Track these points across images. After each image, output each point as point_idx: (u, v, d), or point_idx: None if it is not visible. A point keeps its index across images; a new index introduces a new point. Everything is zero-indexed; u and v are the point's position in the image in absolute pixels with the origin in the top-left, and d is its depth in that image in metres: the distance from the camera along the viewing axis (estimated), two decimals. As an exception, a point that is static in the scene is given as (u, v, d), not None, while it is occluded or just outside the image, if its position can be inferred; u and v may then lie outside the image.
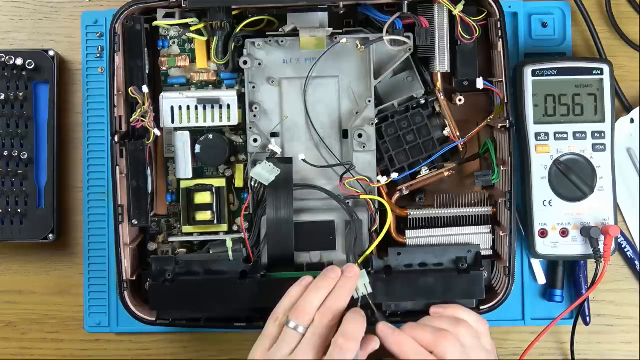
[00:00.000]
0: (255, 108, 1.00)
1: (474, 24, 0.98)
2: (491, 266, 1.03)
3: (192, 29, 1.00)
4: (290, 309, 0.89)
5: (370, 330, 0.91)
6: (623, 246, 1.05)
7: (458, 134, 1.01)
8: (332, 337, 0.88)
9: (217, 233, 1.02)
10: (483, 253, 0.99)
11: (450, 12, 0.98)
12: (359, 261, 0.96)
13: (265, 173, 0.96)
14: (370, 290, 0.94)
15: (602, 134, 1.00)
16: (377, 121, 1.01)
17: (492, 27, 1.01)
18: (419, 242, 1.01)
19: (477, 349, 0.90)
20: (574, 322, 1.02)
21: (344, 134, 1.01)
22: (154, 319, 0.99)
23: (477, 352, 0.90)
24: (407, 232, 1.01)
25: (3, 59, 1.04)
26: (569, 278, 1.05)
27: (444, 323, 0.91)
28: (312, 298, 0.89)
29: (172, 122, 1.00)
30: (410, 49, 0.99)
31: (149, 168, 0.99)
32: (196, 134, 1.02)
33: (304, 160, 0.98)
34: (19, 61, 1.03)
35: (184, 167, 1.02)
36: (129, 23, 0.99)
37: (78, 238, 1.06)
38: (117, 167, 0.97)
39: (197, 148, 1.02)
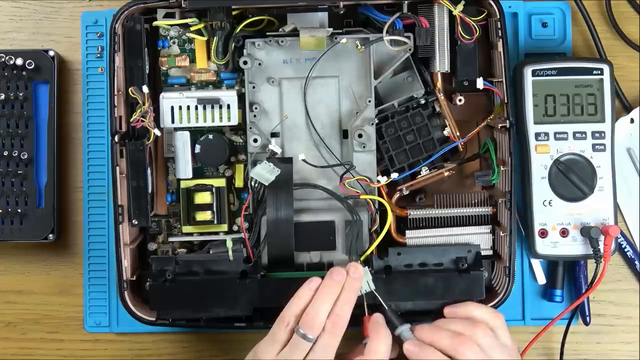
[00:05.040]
0: (255, 108, 1.00)
1: (474, 24, 0.98)
2: (491, 266, 1.03)
3: (192, 29, 1.00)
4: (300, 313, 0.90)
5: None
6: (623, 246, 1.05)
7: (458, 134, 1.01)
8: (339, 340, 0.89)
9: (217, 233, 1.02)
10: (483, 253, 0.99)
11: (450, 12, 0.98)
12: (360, 260, 0.96)
13: (265, 173, 0.96)
14: (373, 287, 0.94)
15: (602, 134, 1.00)
16: (377, 121, 1.01)
17: (492, 27, 1.01)
18: (419, 242, 1.01)
19: (496, 347, 0.90)
20: (568, 321, 1.02)
21: (344, 134, 1.01)
22: (154, 319, 0.98)
23: (496, 349, 0.90)
24: (407, 232, 1.01)
25: (3, 59, 1.04)
26: (569, 278, 1.05)
27: (460, 325, 0.91)
28: (321, 306, 0.89)
29: (172, 122, 1.00)
30: (410, 49, 0.99)
31: (149, 168, 0.99)
32: (196, 134, 1.02)
33: (304, 160, 0.98)
34: (19, 61, 1.03)
35: (184, 167, 1.02)
36: (129, 23, 0.99)
37: (78, 238, 1.06)
38: (117, 167, 0.97)
39: (197, 148, 1.02)
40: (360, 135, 1.00)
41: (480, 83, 0.98)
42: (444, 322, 0.93)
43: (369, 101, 1.00)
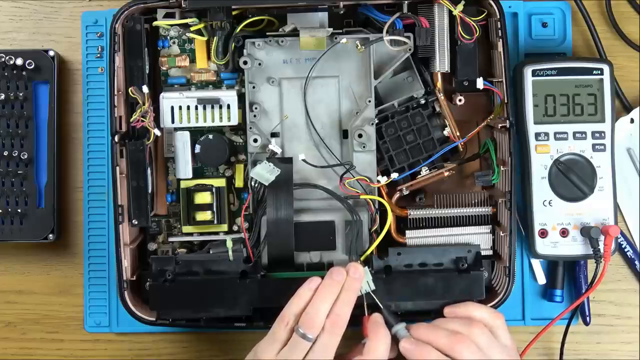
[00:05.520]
0: (255, 108, 1.00)
1: (474, 24, 0.98)
2: (491, 266, 1.03)
3: (192, 29, 1.00)
4: (299, 312, 0.90)
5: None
6: (623, 246, 1.05)
7: (458, 134, 1.01)
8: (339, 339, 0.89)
9: (217, 233, 1.02)
10: (483, 253, 0.99)
11: (450, 12, 0.98)
12: (360, 259, 0.96)
13: (265, 173, 0.96)
14: (373, 287, 0.94)
15: (602, 134, 1.00)
16: (377, 121, 1.01)
17: (492, 27, 1.01)
18: (419, 242, 1.01)
19: (494, 346, 0.90)
20: (568, 321, 1.02)
21: (344, 134, 1.01)
22: (154, 319, 0.98)
23: (495, 349, 0.90)
24: (407, 232, 1.01)
25: (3, 59, 1.03)
26: (569, 278, 1.05)
27: (457, 325, 0.91)
28: (320, 306, 0.89)
29: (172, 122, 1.00)
30: (410, 49, 0.99)
31: (149, 168, 0.99)
32: (196, 134, 1.02)
33: (304, 160, 0.98)
34: (19, 61, 1.03)
35: (184, 167, 1.02)
36: (129, 23, 0.99)
37: (78, 238, 1.06)
38: (117, 167, 0.97)
39: (197, 148, 1.02)
40: (360, 135, 1.00)
41: (480, 83, 0.98)
42: (442, 321, 0.93)
43: (369, 101, 1.00)
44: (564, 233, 1.00)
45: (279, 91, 1.01)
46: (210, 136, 1.02)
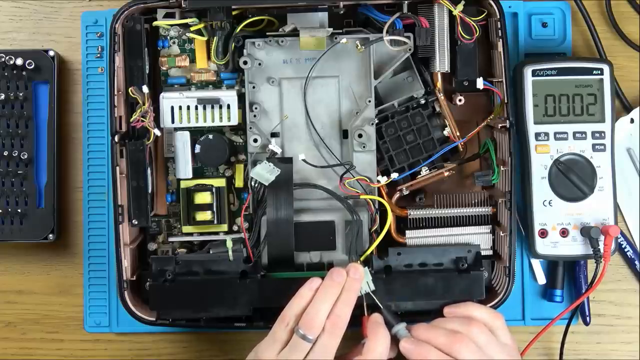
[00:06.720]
0: (255, 108, 1.00)
1: (474, 24, 0.98)
2: (491, 266, 1.03)
3: (192, 29, 1.00)
4: (300, 313, 0.90)
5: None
6: (623, 246, 1.05)
7: (458, 134, 1.01)
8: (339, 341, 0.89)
9: (217, 233, 1.02)
10: (483, 253, 0.99)
11: (450, 12, 0.98)
12: (360, 260, 0.96)
13: (265, 173, 0.96)
14: (373, 287, 0.94)
15: (602, 134, 1.00)
16: (377, 121, 1.01)
17: (492, 27, 1.01)
18: (419, 242, 1.01)
19: (493, 345, 0.90)
20: (568, 321, 1.02)
21: (344, 134, 1.01)
22: (154, 319, 0.99)
23: (494, 348, 0.90)
24: (407, 232, 1.01)
25: (3, 59, 1.03)
26: (569, 278, 1.05)
27: (457, 324, 0.91)
28: (320, 307, 0.89)
29: (172, 122, 1.00)
30: (410, 49, 0.99)
31: (149, 168, 0.99)
32: (196, 134, 1.02)
33: (304, 160, 0.98)
34: (19, 61, 1.03)
35: (184, 167, 1.02)
36: (129, 23, 0.99)
37: (78, 238, 1.06)
38: (117, 167, 0.97)
39: (197, 148, 1.02)
40: (360, 135, 1.00)
41: (480, 83, 0.98)
42: (441, 321, 0.93)
43: (369, 101, 1.00)
44: (564, 233, 1.00)
45: (279, 91, 1.01)
46: (210, 136, 1.02)
